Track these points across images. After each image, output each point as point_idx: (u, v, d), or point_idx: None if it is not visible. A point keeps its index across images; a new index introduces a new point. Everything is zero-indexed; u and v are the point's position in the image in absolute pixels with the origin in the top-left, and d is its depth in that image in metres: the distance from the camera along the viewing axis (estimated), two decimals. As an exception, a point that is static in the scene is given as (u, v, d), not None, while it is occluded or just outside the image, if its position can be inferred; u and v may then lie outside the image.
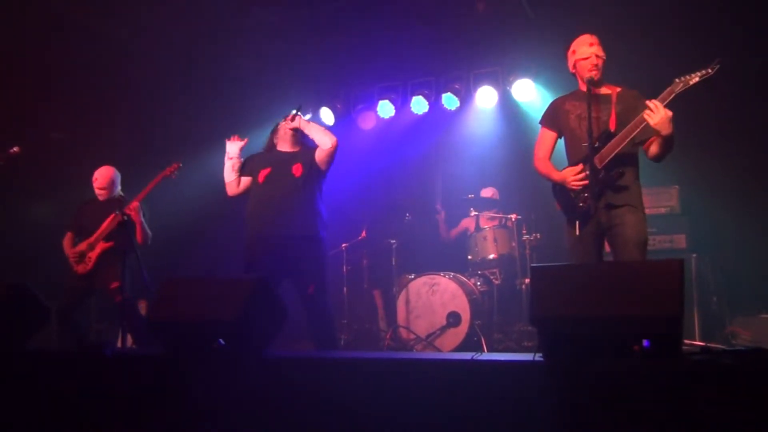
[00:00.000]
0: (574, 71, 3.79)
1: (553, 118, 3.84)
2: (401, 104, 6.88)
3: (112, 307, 5.04)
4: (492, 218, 6.24)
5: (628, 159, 3.60)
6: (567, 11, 5.70)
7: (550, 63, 5.94)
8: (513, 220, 5.89)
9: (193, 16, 5.99)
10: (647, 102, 3.40)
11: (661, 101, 3.38)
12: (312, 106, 7.09)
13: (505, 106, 6.63)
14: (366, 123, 7.12)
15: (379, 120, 6.98)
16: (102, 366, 3.11)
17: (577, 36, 3.77)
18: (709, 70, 3.34)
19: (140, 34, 6.24)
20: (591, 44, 3.69)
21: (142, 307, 5.32)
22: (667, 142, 3.44)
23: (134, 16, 5.99)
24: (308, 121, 4.50)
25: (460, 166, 6.77)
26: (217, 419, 2.78)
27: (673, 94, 3.38)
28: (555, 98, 3.91)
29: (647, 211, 3.69)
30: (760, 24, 5.23)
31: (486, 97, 6.57)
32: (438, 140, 7.01)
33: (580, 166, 3.61)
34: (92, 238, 4.95)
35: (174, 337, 3.11)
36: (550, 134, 3.84)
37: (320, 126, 4.48)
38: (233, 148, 4.44)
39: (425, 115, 6.80)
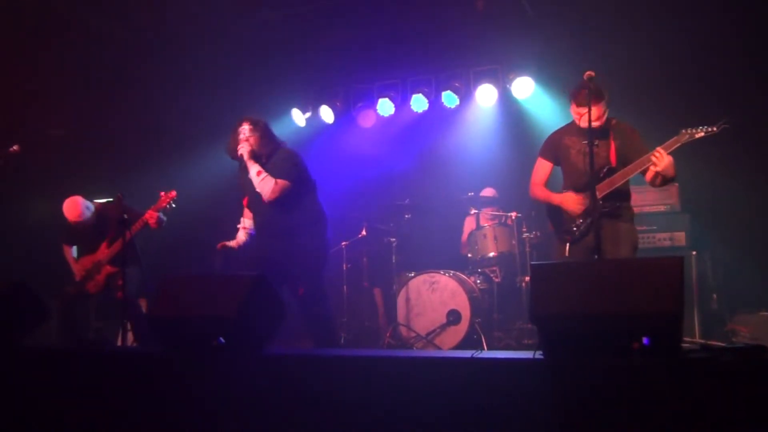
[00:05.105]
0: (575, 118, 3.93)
1: (552, 151, 4.06)
2: (401, 102, 6.86)
3: (112, 305, 5.04)
4: (492, 216, 6.23)
5: (624, 189, 3.86)
6: (566, 9, 5.69)
7: (550, 61, 5.93)
8: (513, 218, 5.87)
9: (194, 15, 5.99)
10: (654, 152, 3.57)
11: (667, 148, 3.59)
12: (312, 104, 7.09)
13: (505, 103, 6.62)
14: (366, 121, 7.11)
15: (379, 118, 6.96)
16: (101, 363, 3.11)
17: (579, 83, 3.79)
18: (715, 129, 3.58)
19: (141, 32, 6.24)
20: None
21: (143, 305, 5.31)
22: (669, 180, 3.71)
23: (136, 14, 5.99)
24: (257, 167, 4.24)
25: (460, 164, 6.76)
26: (217, 416, 2.79)
27: (679, 144, 3.61)
28: (552, 133, 4.13)
29: (647, 209, 3.83)
30: (758, 20, 5.22)
31: (486, 95, 6.55)
32: (438, 138, 7.00)
33: (581, 195, 3.85)
34: (96, 257, 4.95)
35: (174, 334, 3.11)
36: (547, 164, 4.10)
37: (263, 177, 4.18)
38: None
39: (425, 113, 6.78)
